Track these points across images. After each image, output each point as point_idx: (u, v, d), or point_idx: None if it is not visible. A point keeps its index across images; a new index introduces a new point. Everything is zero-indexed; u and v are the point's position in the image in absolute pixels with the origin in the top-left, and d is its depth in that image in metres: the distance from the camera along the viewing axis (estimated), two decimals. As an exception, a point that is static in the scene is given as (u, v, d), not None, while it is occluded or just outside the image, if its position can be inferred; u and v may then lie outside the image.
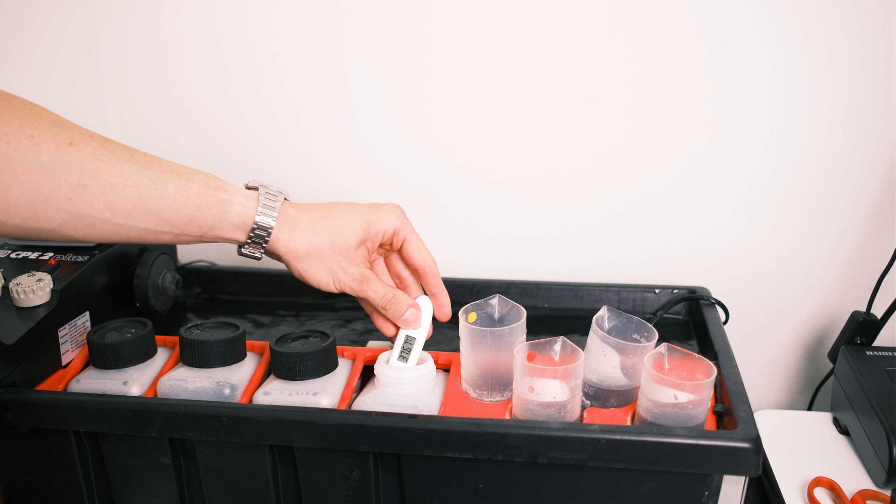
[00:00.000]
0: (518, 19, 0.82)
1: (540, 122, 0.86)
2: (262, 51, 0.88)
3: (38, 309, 0.65)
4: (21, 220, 0.50)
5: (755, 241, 0.87)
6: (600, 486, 0.56)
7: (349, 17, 0.85)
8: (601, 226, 0.89)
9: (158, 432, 0.59)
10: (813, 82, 0.80)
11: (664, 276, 0.89)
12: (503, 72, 0.85)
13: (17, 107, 0.50)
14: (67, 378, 0.66)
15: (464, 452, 0.55)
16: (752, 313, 0.90)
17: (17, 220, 0.50)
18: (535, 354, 0.61)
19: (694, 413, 0.56)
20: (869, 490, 0.67)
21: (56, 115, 0.52)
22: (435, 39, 0.85)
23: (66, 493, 0.65)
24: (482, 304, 0.65)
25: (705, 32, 0.80)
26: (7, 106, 0.49)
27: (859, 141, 0.82)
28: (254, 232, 0.59)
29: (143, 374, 0.66)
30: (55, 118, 0.52)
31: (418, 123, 0.89)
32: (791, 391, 0.94)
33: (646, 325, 0.63)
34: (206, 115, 0.92)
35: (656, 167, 0.86)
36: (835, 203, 0.84)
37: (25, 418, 0.61)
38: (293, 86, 0.89)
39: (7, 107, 0.49)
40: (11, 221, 0.50)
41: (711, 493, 0.55)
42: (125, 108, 0.94)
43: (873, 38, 0.78)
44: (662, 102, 0.83)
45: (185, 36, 0.89)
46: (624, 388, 0.62)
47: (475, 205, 0.91)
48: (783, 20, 0.78)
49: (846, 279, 0.87)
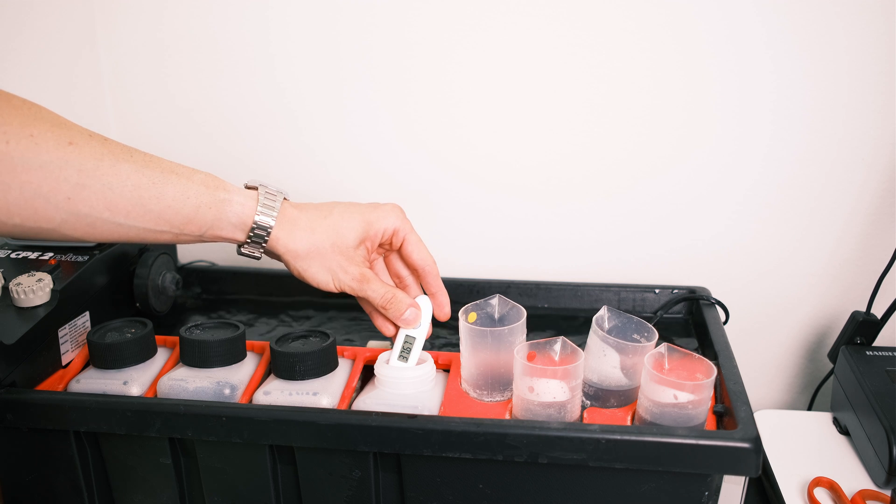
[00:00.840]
0: (518, 19, 0.82)
1: (539, 122, 0.86)
2: (261, 51, 0.88)
3: (38, 309, 0.65)
4: (20, 220, 0.50)
5: (755, 241, 0.87)
6: (600, 486, 0.56)
7: (348, 17, 0.85)
8: (601, 226, 0.89)
9: (158, 432, 0.59)
10: (812, 82, 0.80)
11: (664, 276, 0.89)
12: (503, 72, 0.85)
13: (16, 106, 0.50)
14: (67, 378, 0.66)
15: (464, 452, 0.55)
16: (752, 313, 0.90)
17: (16, 220, 0.50)
18: (536, 354, 0.61)
19: (694, 413, 0.56)
20: (869, 490, 0.67)
21: (55, 115, 0.52)
22: (434, 39, 0.85)
23: (66, 493, 0.65)
24: (482, 304, 0.65)
25: (705, 32, 0.80)
26: (6, 105, 0.49)
27: (859, 140, 0.82)
28: (253, 231, 0.59)
29: (144, 374, 0.66)
30: (54, 117, 0.52)
31: (418, 124, 0.89)
32: (791, 391, 0.94)
33: (646, 325, 0.63)
34: (205, 114, 0.92)
35: (656, 167, 0.86)
36: (835, 203, 0.84)
37: (25, 418, 0.61)
38: (293, 85, 0.89)
39: (6, 106, 0.49)
40: (11, 221, 0.50)
41: (711, 493, 0.55)
42: (125, 108, 0.94)
43: (873, 37, 0.78)
44: (662, 102, 0.83)
45: (184, 36, 0.89)
46: (624, 387, 0.62)
47: (475, 204, 0.91)
48: (783, 19, 0.78)
49: (846, 279, 0.87)
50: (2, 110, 0.49)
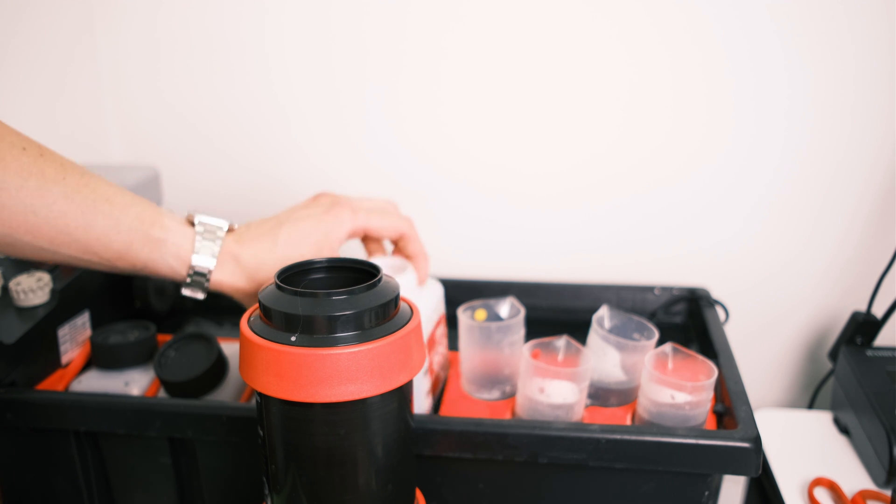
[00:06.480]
0: (520, 22, 0.82)
1: (543, 129, 0.86)
2: (256, 52, 0.88)
3: (37, 309, 0.65)
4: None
5: (756, 242, 0.87)
6: (600, 486, 0.56)
7: (347, 16, 0.85)
8: (605, 231, 0.89)
9: (158, 432, 0.59)
10: (815, 86, 0.80)
11: (664, 277, 0.89)
12: (508, 78, 0.85)
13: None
14: (67, 378, 0.66)
15: (464, 452, 0.55)
16: (752, 313, 0.90)
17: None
18: (540, 353, 0.61)
19: (694, 413, 0.56)
20: (869, 490, 0.67)
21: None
22: (434, 39, 0.85)
23: (66, 493, 0.64)
24: (491, 304, 0.65)
25: (716, 39, 0.80)
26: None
27: (861, 142, 0.82)
28: (193, 273, 0.55)
29: (145, 375, 0.66)
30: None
31: (419, 124, 0.89)
32: (791, 391, 0.94)
33: (646, 325, 0.63)
34: (201, 115, 0.93)
35: (664, 176, 0.86)
36: (836, 204, 0.84)
37: (25, 418, 0.61)
38: (289, 84, 0.89)
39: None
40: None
41: (711, 493, 0.55)
42: (123, 107, 0.94)
43: (874, 41, 0.78)
44: (673, 110, 0.83)
45: (179, 36, 0.89)
46: (624, 386, 0.62)
47: (477, 206, 0.91)
48: (794, 25, 0.78)
49: (847, 279, 0.87)
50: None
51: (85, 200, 0.50)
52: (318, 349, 0.40)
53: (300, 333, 0.41)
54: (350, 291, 0.42)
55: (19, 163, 0.47)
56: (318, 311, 0.41)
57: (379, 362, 0.41)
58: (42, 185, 0.48)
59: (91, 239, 0.51)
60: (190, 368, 0.63)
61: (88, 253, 0.52)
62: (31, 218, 0.48)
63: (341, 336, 0.41)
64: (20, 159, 0.48)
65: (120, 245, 0.52)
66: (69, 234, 0.50)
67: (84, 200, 0.50)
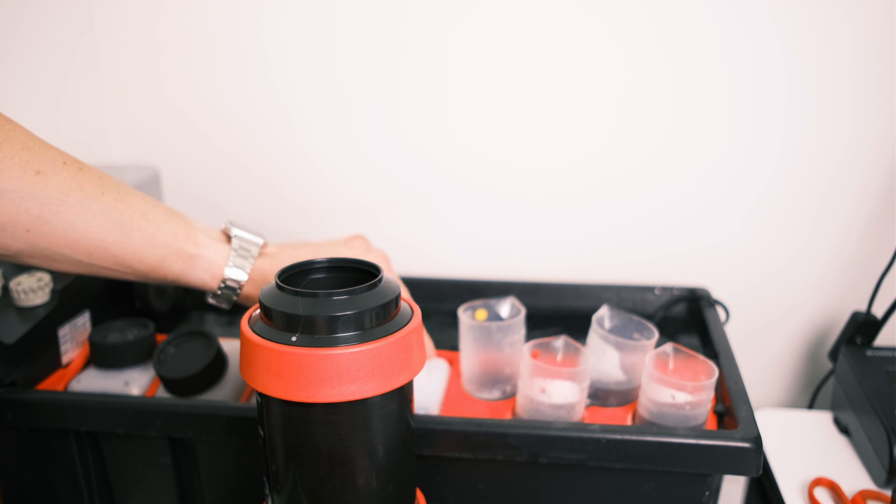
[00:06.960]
0: (520, 23, 0.82)
1: (543, 128, 0.86)
2: (256, 52, 0.88)
3: (38, 309, 0.65)
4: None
5: (757, 242, 0.87)
6: (600, 486, 0.56)
7: (346, 15, 0.85)
8: (605, 231, 0.89)
9: (158, 432, 0.59)
10: (815, 86, 0.80)
11: (665, 277, 0.89)
12: (508, 78, 0.85)
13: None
14: (67, 378, 0.66)
15: (464, 452, 0.55)
16: (752, 313, 0.90)
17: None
18: (539, 353, 0.61)
19: (694, 413, 0.56)
20: (869, 490, 0.67)
21: (31, 136, 0.49)
22: (434, 40, 0.85)
23: (66, 493, 0.64)
24: (492, 304, 0.65)
25: (714, 38, 0.80)
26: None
27: (861, 142, 0.82)
28: (224, 285, 0.58)
29: (145, 374, 0.66)
30: (28, 139, 0.48)
31: (419, 123, 0.89)
32: (791, 391, 0.94)
33: (646, 325, 0.63)
34: (202, 114, 0.92)
35: (663, 175, 0.86)
36: (836, 204, 0.84)
37: (25, 418, 0.61)
38: (290, 84, 0.89)
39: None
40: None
41: (711, 493, 0.55)
42: (124, 108, 0.94)
43: (874, 40, 0.78)
44: (672, 109, 0.83)
45: (179, 36, 0.89)
46: (624, 386, 0.62)
47: (478, 206, 0.91)
48: (793, 24, 0.78)
49: (847, 279, 0.87)
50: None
51: (122, 216, 0.52)
52: (319, 349, 0.40)
53: (301, 333, 0.41)
54: (351, 291, 0.42)
55: (60, 178, 0.49)
56: (319, 311, 0.41)
57: (380, 362, 0.41)
58: (82, 200, 0.50)
59: (127, 253, 0.53)
60: (189, 365, 0.63)
61: (123, 266, 0.54)
62: (72, 233, 0.50)
63: (342, 336, 0.41)
64: (61, 174, 0.49)
65: (154, 259, 0.54)
66: (106, 249, 0.52)
67: (121, 216, 0.52)
